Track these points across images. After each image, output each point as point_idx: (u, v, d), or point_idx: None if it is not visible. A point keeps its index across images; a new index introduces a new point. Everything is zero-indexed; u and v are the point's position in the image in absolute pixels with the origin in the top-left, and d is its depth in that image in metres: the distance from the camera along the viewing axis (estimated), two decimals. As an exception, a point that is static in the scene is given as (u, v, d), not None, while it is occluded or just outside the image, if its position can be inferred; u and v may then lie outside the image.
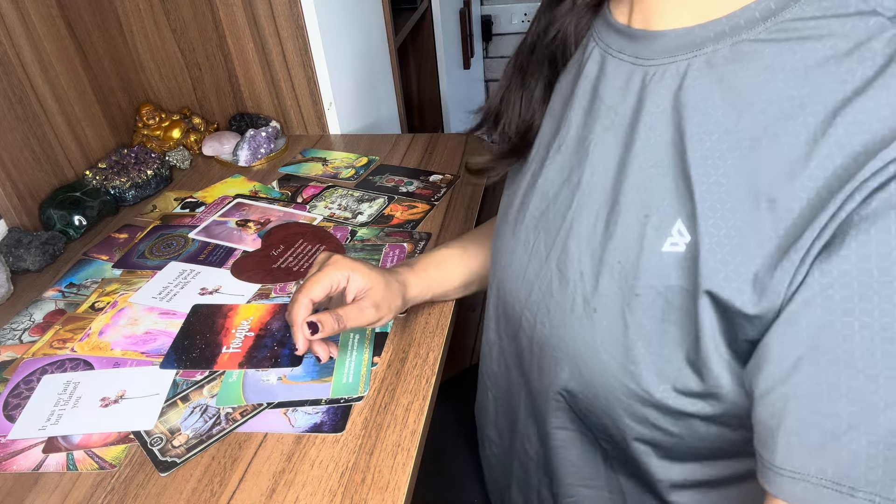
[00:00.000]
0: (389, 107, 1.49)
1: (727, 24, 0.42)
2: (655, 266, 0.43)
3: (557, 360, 0.52)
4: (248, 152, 1.11)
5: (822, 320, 0.36)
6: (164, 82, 1.21)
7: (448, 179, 1.03)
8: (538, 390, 0.57)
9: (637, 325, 0.45)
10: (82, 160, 1.05)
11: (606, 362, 0.47)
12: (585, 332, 0.48)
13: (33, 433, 0.64)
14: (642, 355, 0.45)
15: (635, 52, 0.47)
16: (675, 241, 0.43)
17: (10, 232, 0.90)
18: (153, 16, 1.14)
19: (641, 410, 0.47)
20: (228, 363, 0.70)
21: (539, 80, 0.57)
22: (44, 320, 0.79)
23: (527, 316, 0.55)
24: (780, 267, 0.38)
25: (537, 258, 0.53)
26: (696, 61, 0.43)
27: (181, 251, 0.90)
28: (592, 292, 0.47)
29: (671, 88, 0.44)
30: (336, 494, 0.55)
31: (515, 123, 0.59)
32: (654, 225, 0.44)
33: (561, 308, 0.50)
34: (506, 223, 0.60)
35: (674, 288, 0.43)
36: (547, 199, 0.54)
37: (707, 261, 0.41)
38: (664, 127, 0.44)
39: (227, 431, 0.62)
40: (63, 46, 1.01)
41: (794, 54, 0.39)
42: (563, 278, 0.50)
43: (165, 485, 0.58)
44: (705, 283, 0.41)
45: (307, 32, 1.10)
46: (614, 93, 0.48)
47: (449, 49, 1.92)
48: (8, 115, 0.92)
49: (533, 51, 0.56)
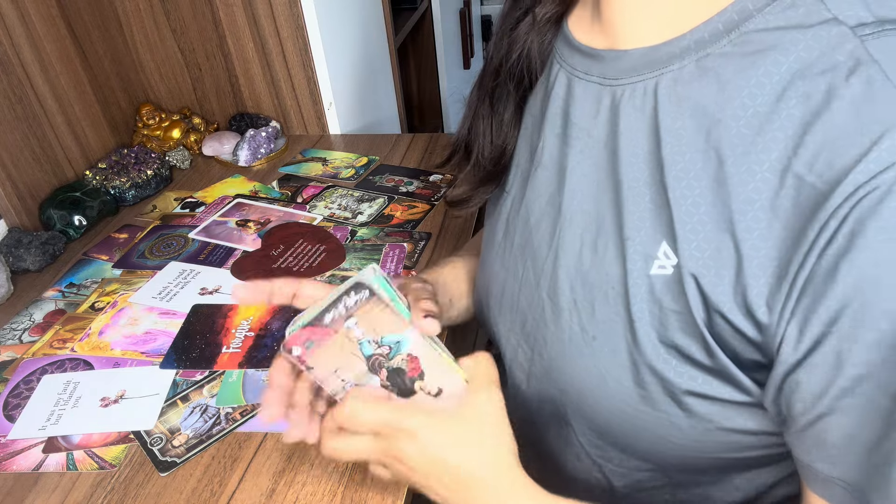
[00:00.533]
0: (389, 107, 1.49)
1: (691, 38, 0.41)
2: (646, 291, 0.43)
3: (562, 392, 0.51)
4: (248, 152, 1.11)
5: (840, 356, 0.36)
6: (164, 82, 1.21)
7: (448, 179, 1.03)
8: (539, 420, 0.56)
9: (639, 350, 0.44)
10: (82, 160, 1.05)
11: (614, 389, 0.46)
12: (587, 362, 0.47)
13: (33, 433, 0.64)
14: (648, 378, 0.44)
15: (602, 72, 0.46)
16: (661, 263, 0.42)
17: (10, 232, 0.90)
18: (153, 16, 1.14)
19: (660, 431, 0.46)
20: (228, 363, 0.70)
21: (508, 104, 0.56)
22: (44, 320, 0.79)
23: (524, 348, 0.54)
24: (776, 295, 0.37)
25: (528, 287, 0.52)
26: (664, 79, 0.42)
27: (181, 251, 0.90)
28: (589, 320, 0.46)
29: (641, 108, 0.43)
30: (336, 494, 0.55)
31: (488, 150, 0.57)
32: (639, 249, 0.43)
33: (558, 338, 0.49)
34: (492, 252, 0.58)
35: (667, 311, 0.42)
36: (529, 226, 0.53)
37: (691, 284, 0.40)
38: (637, 147, 0.44)
39: (227, 431, 0.62)
40: (63, 46, 1.01)
41: (757, 68, 0.38)
42: (556, 308, 0.49)
43: (165, 485, 0.58)
44: (698, 302, 0.40)
45: (307, 32, 1.10)
46: (585, 115, 0.47)
47: (449, 49, 1.93)
48: (8, 115, 0.92)
49: (498, 74, 0.55)
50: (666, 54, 0.42)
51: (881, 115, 0.34)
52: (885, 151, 0.33)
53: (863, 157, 0.33)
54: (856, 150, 0.34)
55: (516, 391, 0.57)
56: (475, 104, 0.58)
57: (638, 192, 0.43)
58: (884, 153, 0.33)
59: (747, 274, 0.38)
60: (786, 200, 0.36)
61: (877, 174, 0.33)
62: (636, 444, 0.48)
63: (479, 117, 0.57)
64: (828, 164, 0.35)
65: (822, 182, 0.35)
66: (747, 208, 0.38)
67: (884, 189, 0.33)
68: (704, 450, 0.46)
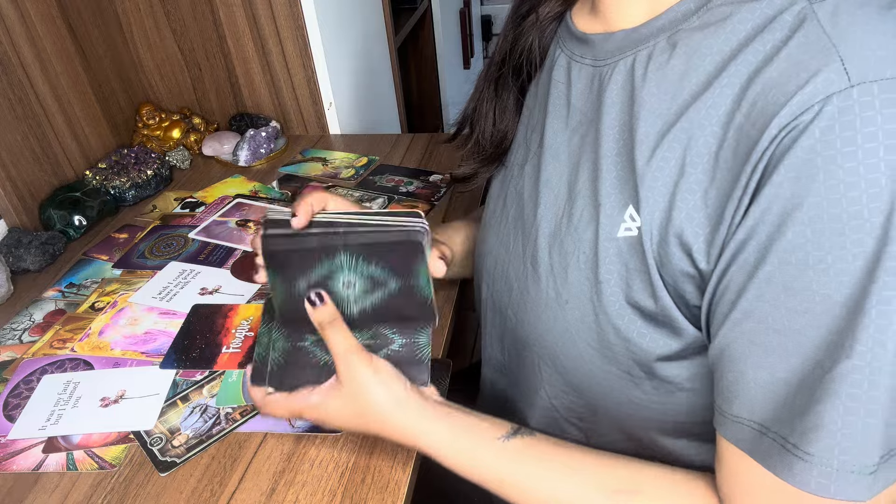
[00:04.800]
0: (389, 107, 1.49)
1: (666, 18, 0.44)
2: (614, 252, 0.45)
3: (540, 356, 0.54)
4: (248, 152, 1.11)
5: (743, 282, 0.39)
6: (164, 82, 1.21)
7: (448, 179, 1.03)
8: (525, 389, 0.58)
9: (604, 312, 0.47)
10: (82, 160, 1.05)
11: (583, 350, 0.49)
12: (559, 325, 0.50)
13: (33, 433, 0.64)
14: (615, 339, 0.47)
15: (594, 55, 0.50)
16: (628, 226, 0.45)
17: (10, 232, 0.90)
18: (153, 16, 1.14)
19: (627, 390, 0.49)
20: (228, 363, 0.70)
21: (511, 92, 0.61)
22: (44, 320, 0.79)
23: (509, 315, 0.57)
24: (714, 240, 0.40)
25: (516, 257, 0.55)
26: (640, 56, 0.46)
27: (181, 251, 0.90)
28: (563, 285, 0.49)
29: (620, 83, 0.47)
30: (336, 494, 0.55)
31: (489, 132, 0.62)
32: (607, 213, 0.46)
33: (536, 303, 0.52)
34: (489, 228, 0.61)
35: (632, 271, 0.45)
36: (522, 199, 0.56)
37: (651, 239, 0.43)
38: (614, 120, 0.47)
39: (227, 431, 0.62)
40: (63, 46, 1.01)
41: (718, 38, 0.41)
42: (535, 275, 0.52)
43: (165, 485, 0.58)
44: (655, 261, 0.43)
45: (307, 32, 1.10)
46: (579, 95, 0.51)
47: (449, 49, 1.93)
48: (8, 115, 0.92)
49: (503, 64, 0.60)
50: (644, 34, 0.46)
51: (811, 63, 0.36)
52: (807, 95, 0.35)
53: (787, 101, 0.36)
54: (784, 97, 0.36)
55: (509, 357, 0.61)
56: (481, 87, 0.63)
57: (611, 161, 0.47)
58: (806, 96, 0.35)
59: (693, 225, 0.41)
60: (727, 151, 0.39)
61: (798, 115, 0.35)
62: (605, 404, 0.52)
63: (483, 100, 0.63)
64: (761, 111, 0.37)
65: (755, 129, 0.38)
66: (697, 161, 0.41)
67: (800, 128, 0.35)
68: (667, 412, 0.49)
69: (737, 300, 0.39)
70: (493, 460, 0.51)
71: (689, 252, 0.41)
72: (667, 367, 0.46)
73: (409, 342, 0.55)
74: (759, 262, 0.38)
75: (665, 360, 0.46)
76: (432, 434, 0.51)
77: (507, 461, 0.50)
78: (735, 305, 0.39)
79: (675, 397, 0.47)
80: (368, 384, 0.52)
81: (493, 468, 0.51)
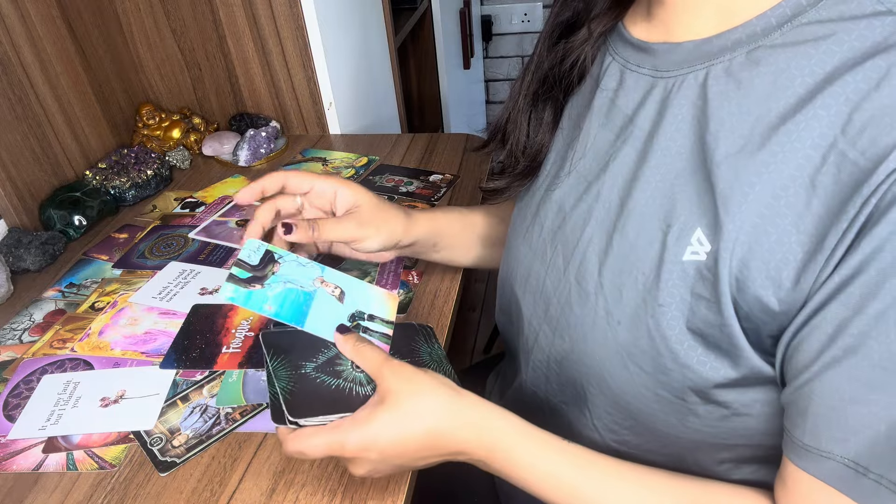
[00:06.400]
0: (389, 107, 1.49)
1: (743, 32, 0.42)
2: (677, 276, 0.43)
3: (583, 375, 0.52)
4: (248, 152, 1.11)
5: (847, 318, 0.37)
6: (164, 82, 1.21)
7: (448, 179, 1.03)
8: (558, 404, 0.57)
9: (662, 336, 0.44)
10: (82, 160, 1.05)
11: (635, 374, 0.47)
12: (610, 345, 0.48)
13: (33, 433, 0.64)
14: (671, 365, 0.45)
15: (654, 65, 0.47)
16: (695, 249, 0.43)
17: (10, 232, 0.90)
18: (153, 16, 1.14)
19: (679, 414, 0.47)
20: (228, 363, 0.70)
21: (549, 106, 0.58)
22: (44, 320, 0.79)
23: (545, 331, 0.54)
24: (808, 268, 0.38)
25: (555, 271, 0.53)
26: (715, 70, 0.43)
27: (181, 251, 0.90)
28: (616, 305, 0.47)
29: (690, 98, 0.44)
30: (336, 494, 0.55)
31: (524, 144, 0.59)
32: (674, 235, 0.44)
33: (582, 322, 0.50)
34: (519, 236, 0.59)
35: (697, 296, 0.43)
36: (564, 212, 0.54)
37: (730, 265, 0.41)
38: (684, 136, 0.44)
39: (227, 431, 0.62)
40: (63, 46, 1.01)
41: (810, 59, 0.39)
42: (582, 292, 0.50)
43: (165, 485, 0.58)
44: (729, 288, 0.41)
45: (307, 32, 1.10)
46: (634, 105, 0.49)
47: (449, 49, 1.92)
48: (8, 115, 0.92)
49: (545, 80, 0.57)
50: (718, 46, 0.43)
51: None
52: None
53: None
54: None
55: (536, 373, 0.58)
56: (516, 96, 0.60)
57: (679, 179, 0.44)
58: None
59: (784, 250, 0.39)
60: (826, 177, 0.37)
61: None
62: (654, 427, 0.49)
63: (519, 111, 0.59)
64: (872, 140, 0.35)
65: (864, 159, 0.36)
66: (789, 185, 0.39)
67: None
68: (718, 436, 0.47)
69: (837, 335, 0.37)
70: (566, 466, 0.48)
71: (773, 278, 0.39)
72: (723, 393, 0.44)
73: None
74: (867, 297, 0.36)
75: (722, 388, 0.44)
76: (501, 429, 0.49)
77: (570, 466, 0.48)
78: (835, 340, 0.37)
79: (728, 422, 0.46)
80: (420, 379, 0.49)
81: (565, 473, 0.48)
